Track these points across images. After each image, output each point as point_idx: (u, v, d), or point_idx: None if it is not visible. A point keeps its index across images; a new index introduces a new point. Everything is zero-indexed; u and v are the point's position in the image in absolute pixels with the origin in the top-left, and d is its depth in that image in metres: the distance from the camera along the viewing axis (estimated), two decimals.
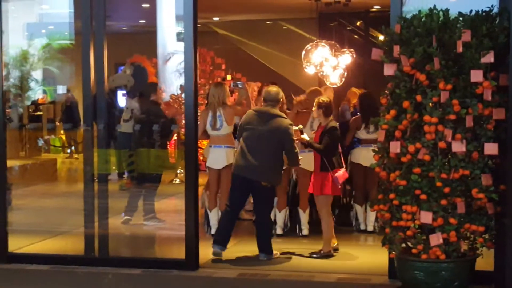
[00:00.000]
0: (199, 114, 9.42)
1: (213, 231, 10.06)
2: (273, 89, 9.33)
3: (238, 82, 10.79)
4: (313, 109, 9.41)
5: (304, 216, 10.41)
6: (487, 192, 6.84)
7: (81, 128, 9.07)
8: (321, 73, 15.02)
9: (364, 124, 10.62)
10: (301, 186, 10.45)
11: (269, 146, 9.03)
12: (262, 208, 9.24)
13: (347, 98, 12.54)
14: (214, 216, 10.31)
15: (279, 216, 10.36)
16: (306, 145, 9.39)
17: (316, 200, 9.44)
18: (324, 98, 9.42)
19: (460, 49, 6.83)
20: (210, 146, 10.29)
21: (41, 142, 18.20)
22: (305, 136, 9.33)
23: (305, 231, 10.41)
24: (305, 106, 10.35)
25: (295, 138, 9.16)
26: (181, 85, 11.11)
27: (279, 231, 10.35)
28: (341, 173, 9.14)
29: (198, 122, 9.27)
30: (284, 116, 9.28)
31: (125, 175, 12.14)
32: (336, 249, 9.37)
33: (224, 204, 9.51)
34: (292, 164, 9.47)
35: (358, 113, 11.06)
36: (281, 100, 9.41)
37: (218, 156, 10.16)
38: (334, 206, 10.57)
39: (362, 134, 10.66)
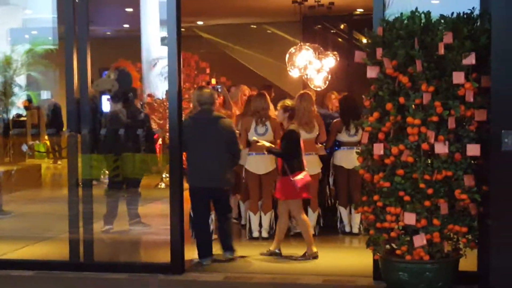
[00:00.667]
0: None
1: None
2: (207, 90, 9.36)
3: (218, 86, 10.84)
4: (277, 112, 9.46)
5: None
6: (469, 193, 6.88)
7: (65, 133, 9.03)
8: (305, 76, 15.07)
9: (345, 127, 10.64)
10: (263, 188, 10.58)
11: (219, 149, 9.04)
12: (225, 211, 9.31)
13: (326, 104, 12.53)
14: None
15: (265, 219, 10.39)
16: (267, 151, 9.47)
17: (278, 204, 9.51)
18: (289, 101, 9.51)
19: (442, 51, 6.87)
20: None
21: (25, 148, 18.13)
22: (265, 142, 9.43)
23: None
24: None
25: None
26: (167, 91, 11.08)
27: (264, 234, 10.38)
28: (301, 177, 9.18)
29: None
30: (224, 116, 9.35)
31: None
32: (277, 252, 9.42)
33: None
34: (237, 163, 9.51)
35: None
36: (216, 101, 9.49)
37: None
38: (321, 209, 10.64)
39: (343, 136, 10.67)
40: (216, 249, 9.22)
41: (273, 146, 9.44)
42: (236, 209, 11.40)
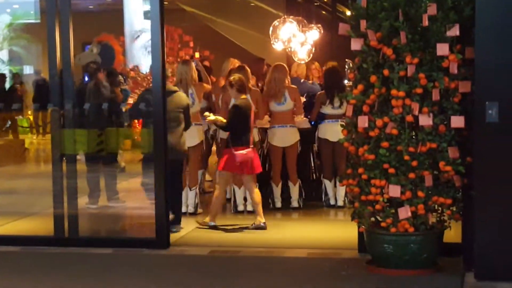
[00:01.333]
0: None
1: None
2: None
3: (193, 61, 10.89)
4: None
5: (276, 190, 10.52)
6: (454, 164, 6.90)
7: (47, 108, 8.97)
8: (289, 49, 15.02)
9: (329, 100, 10.63)
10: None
11: (178, 122, 9.28)
12: (180, 182, 9.53)
13: (306, 74, 12.50)
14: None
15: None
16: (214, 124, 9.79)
17: (218, 175, 9.76)
18: (235, 76, 9.62)
19: (426, 22, 6.85)
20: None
21: (8, 124, 18.04)
22: (212, 116, 9.57)
23: (278, 204, 10.51)
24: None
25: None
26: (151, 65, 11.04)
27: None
28: (243, 152, 9.29)
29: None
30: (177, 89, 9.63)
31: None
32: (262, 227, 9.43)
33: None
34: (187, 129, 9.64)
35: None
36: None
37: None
38: (304, 181, 10.66)
39: (327, 109, 10.66)
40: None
41: (219, 119, 9.45)
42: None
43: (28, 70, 21.62)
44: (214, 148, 11.67)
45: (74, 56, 9.06)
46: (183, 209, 10.02)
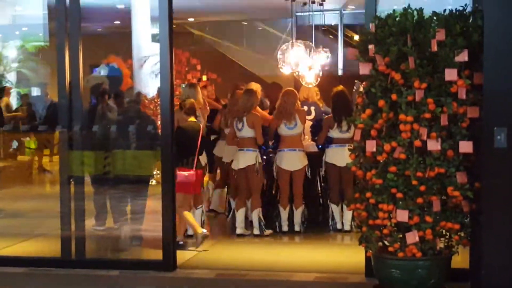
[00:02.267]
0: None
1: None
2: None
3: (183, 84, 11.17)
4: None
5: (284, 213, 10.51)
6: (462, 190, 6.88)
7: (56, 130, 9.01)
8: (297, 73, 15.05)
9: (336, 123, 10.64)
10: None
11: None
12: None
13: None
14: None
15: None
16: None
17: None
18: (188, 101, 10.04)
19: (434, 48, 6.87)
20: None
21: (15, 145, 18.06)
22: None
23: (285, 227, 10.51)
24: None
25: None
26: (158, 88, 11.14)
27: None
28: (184, 174, 9.56)
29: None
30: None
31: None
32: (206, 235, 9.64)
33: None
34: None
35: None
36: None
37: None
38: (310, 206, 10.66)
39: (335, 133, 10.67)
40: (209, 245, 9.20)
41: None
42: (223, 204, 11.49)
43: (36, 92, 21.68)
44: None
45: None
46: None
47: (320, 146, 10.87)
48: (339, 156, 10.42)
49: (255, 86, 11.63)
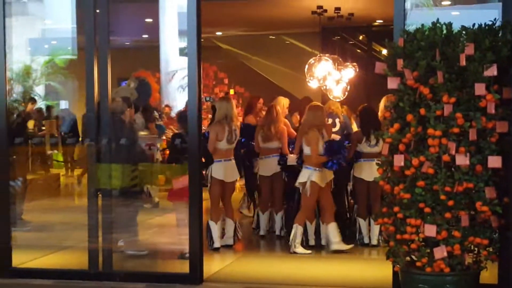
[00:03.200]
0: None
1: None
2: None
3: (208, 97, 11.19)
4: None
5: (310, 228, 10.49)
6: (491, 205, 6.84)
7: (84, 143, 9.06)
8: (324, 87, 15.06)
9: (365, 137, 10.61)
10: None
11: None
12: None
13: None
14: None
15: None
16: None
17: None
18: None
19: (463, 62, 6.84)
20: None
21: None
22: None
23: (312, 242, 10.49)
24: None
25: None
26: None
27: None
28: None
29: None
30: None
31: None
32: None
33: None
34: None
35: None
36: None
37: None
38: (338, 220, 10.62)
39: (363, 147, 10.64)
40: (234, 259, 9.19)
41: None
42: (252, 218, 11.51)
43: (63, 105, 21.81)
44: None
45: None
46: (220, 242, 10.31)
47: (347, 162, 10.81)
48: (367, 171, 10.39)
49: (284, 100, 11.67)
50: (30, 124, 14.35)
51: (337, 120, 11.85)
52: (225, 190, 10.45)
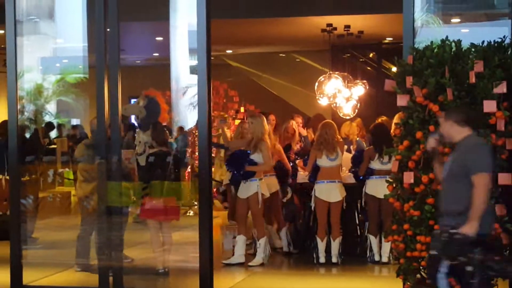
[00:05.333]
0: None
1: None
2: None
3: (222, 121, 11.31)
4: None
5: (321, 245, 10.47)
6: (501, 222, 6.82)
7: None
8: (334, 104, 15.08)
9: (377, 154, 10.60)
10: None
11: None
12: None
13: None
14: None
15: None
16: None
17: None
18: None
19: (472, 79, 6.85)
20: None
21: (51, 175, 18.15)
22: None
23: (322, 259, 10.45)
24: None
25: None
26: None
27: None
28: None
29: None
30: None
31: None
32: None
33: None
34: None
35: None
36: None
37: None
38: (348, 237, 10.60)
39: (376, 164, 10.63)
40: (244, 276, 9.17)
41: None
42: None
43: (75, 122, 21.90)
44: None
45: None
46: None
47: (361, 177, 10.80)
48: (379, 188, 10.34)
49: (300, 118, 11.71)
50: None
51: (351, 147, 11.87)
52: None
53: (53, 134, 20.02)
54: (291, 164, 11.23)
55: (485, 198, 6.19)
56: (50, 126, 18.78)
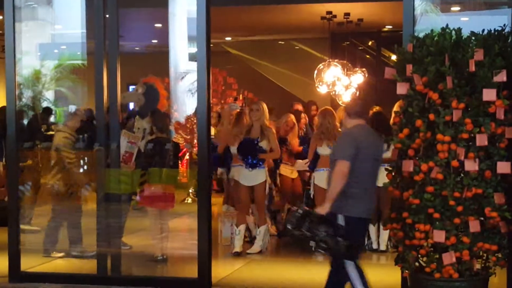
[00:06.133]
0: None
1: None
2: None
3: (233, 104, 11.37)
4: None
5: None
6: (500, 210, 6.83)
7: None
8: (333, 92, 15.07)
9: None
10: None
11: None
12: None
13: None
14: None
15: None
16: None
17: None
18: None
19: (472, 68, 6.84)
20: None
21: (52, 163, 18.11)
22: None
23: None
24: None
25: None
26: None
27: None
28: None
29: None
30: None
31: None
32: None
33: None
34: None
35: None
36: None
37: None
38: None
39: None
40: (243, 264, 9.17)
41: None
42: None
43: (73, 110, 21.84)
44: None
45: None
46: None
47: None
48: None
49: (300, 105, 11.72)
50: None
51: None
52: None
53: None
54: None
55: (340, 183, 6.85)
56: (48, 111, 18.70)
